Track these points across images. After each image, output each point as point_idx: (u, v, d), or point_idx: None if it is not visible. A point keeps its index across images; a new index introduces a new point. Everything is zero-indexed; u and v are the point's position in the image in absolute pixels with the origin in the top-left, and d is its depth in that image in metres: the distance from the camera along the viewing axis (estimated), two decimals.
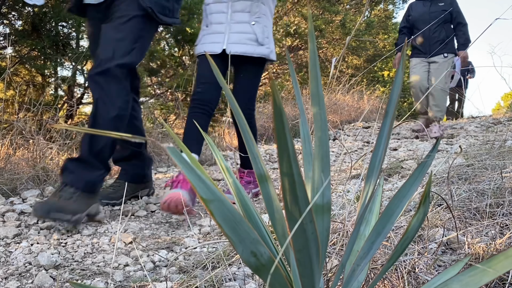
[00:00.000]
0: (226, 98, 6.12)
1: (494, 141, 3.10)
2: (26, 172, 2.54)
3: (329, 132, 1.67)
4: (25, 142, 2.86)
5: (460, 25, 4.82)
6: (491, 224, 1.42)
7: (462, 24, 4.82)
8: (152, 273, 1.41)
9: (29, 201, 2.23)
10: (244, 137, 0.71)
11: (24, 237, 1.76)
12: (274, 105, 0.49)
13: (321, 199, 0.69)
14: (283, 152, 0.51)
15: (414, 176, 0.78)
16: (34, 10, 4.79)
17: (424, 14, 4.83)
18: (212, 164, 3.61)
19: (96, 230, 1.93)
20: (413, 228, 0.71)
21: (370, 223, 0.91)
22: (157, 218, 2.19)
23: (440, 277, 0.80)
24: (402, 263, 1.12)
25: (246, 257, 0.62)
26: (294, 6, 8.82)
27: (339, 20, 8.52)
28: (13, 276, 1.40)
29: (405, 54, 0.76)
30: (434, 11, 4.82)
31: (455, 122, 6.58)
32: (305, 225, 0.57)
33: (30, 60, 4.91)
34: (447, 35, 4.80)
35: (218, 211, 0.58)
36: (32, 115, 3.31)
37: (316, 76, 0.68)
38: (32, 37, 4.83)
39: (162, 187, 2.82)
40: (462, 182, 1.90)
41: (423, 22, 4.77)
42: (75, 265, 1.50)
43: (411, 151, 3.81)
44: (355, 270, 0.75)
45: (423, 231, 1.37)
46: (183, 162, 0.56)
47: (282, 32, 7.91)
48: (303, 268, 0.64)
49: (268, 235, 0.78)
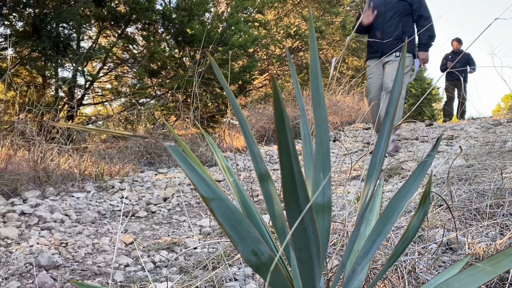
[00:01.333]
0: (226, 99, 6.12)
1: (494, 142, 3.10)
2: (27, 173, 2.54)
3: (330, 133, 1.67)
4: (26, 143, 2.87)
5: (421, 18, 3.97)
6: (491, 225, 1.42)
7: (424, 18, 3.96)
8: (153, 273, 1.41)
9: (29, 202, 2.23)
10: (245, 136, 0.71)
11: (24, 238, 1.77)
12: (276, 105, 0.49)
13: (321, 198, 0.69)
14: (284, 151, 0.52)
15: (414, 177, 0.79)
16: (35, 11, 4.80)
17: (379, 6, 3.99)
18: (213, 165, 3.61)
19: (96, 230, 1.94)
20: (413, 228, 0.71)
21: (371, 223, 0.92)
22: (158, 219, 2.20)
23: (440, 276, 0.80)
24: (402, 263, 1.12)
25: (246, 256, 0.62)
26: (294, 7, 8.83)
27: (339, 21, 8.53)
28: (14, 276, 1.40)
29: (405, 54, 0.76)
30: (390, 1, 4.00)
31: (455, 123, 6.58)
32: (306, 224, 0.57)
33: (31, 61, 4.92)
34: (404, 30, 3.97)
35: (219, 209, 0.59)
36: (32, 116, 3.31)
37: (317, 76, 0.69)
38: (32, 38, 4.84)
39: (163, 187, 2.82)
40: (462, 182, 1.90)
41: (378, 15, 3.98)
42: (75, 266, 1.51)
43: (411, 152, 3.82)
44: (356, 270, 0.75)
45: (423, 232, 1.38)
46: (184, 161, 0.56)
47: (282, 34, 7.92)
48: (303, 267, 0.64)
49: (269, 234, 0.78)
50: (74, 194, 2.49)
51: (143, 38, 6.08)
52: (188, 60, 6.18)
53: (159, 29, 6.15)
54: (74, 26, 5.04)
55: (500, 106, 21.98)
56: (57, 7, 4.70)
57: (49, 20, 4.76)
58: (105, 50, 5.62)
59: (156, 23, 5.86)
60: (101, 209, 2.28)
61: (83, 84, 5.86)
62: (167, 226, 2.08)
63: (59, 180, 2.64)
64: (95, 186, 2.73)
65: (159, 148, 3.77)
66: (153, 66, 6.18)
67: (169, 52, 6.21)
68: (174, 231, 2.00)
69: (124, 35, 6.04)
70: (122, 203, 2.41)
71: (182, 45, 5.99)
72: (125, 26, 5.74)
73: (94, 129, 0.74)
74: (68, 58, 5.10)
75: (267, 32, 7.17)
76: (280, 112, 0.49)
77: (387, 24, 3.98)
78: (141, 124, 4.47)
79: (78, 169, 2.82)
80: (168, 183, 2.94)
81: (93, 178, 2.86)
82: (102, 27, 5.80)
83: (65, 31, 5.14)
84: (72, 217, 2.10)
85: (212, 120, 6.59)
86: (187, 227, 2.03)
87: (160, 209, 2.36)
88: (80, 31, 5.31)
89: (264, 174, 0.63)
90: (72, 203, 2.32)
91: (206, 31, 5.28)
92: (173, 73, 6.38)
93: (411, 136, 5.21)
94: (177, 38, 5.88)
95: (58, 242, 1.73)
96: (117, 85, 6.43)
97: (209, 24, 5.74)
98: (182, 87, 4.95)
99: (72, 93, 5.67)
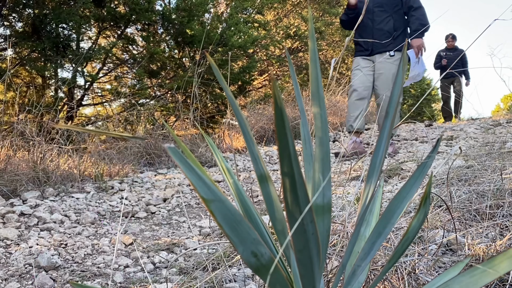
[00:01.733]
0: (225, 100, 6.12)
1: (494, 143, 3.10)
2: (26, 173, 2.54)
3: (329, 133, 1.67)
4: (26, 143, 2.86)
5: (411, 9, 3.66)
6: (491, 226, 1.42)
7: (413, 8, 3.65)
8: (152, 274, 1.41)
9: (29, 203, 2.23)
10: (244, 138, 0.71)
11: (24, 239, 1.76)
12: (275, 106, 0.49)
13: (321, 199, 0.69)
14: (284, 152, 0.52)
15: (414, 177, 0.78)
16: (34, 12, 4.80)
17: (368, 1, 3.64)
18: (212, 166, 3.61)
19: (96, 231, 1.93)
20: (414, 229, 0.71)
21: (371, 224, 0.91)
22: (157, 220, 2.19)
23: (441, 278, 0.79)
24: (402, 264, 1.12)
25: (246, 258, 0.62)
26: (294, 8, 8.84)
27: (339, 22, 8.53)
28: (13, 277, 1.40)
29: (406, 54, 0.76)
30: None
31: (454, 124, 6.57)
32: (306, 225, 0.57)
33: (31, 62, 4.92)
34: (395, 26, 3.69)
35: (219, 211, 0.58)
36: (32, 116, 3.31)
37: (317, 76, 0.69)
38: (32, 39, 4.84)
39: (162, 188, 2.82)
40: (462, 183, 1.90)
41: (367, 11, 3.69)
42: (75, 267, 1.50)
43: (410, 153, 3.82)
44: (356, 271, 0.75)
45: (423, 232, 1.37)
46: (183, 162, 0.56)
47: (282, 34, 7.93)
48: (303, 268, 0.64)
49: (269, 236, 0.78)
50: (73, 195, 2.49)
51: (143, 39, 6.08)
52: (187, 60, 6.19)
53: (159, 29, 6.15)
54: (74, 26, 5.04)
55: (499, 106, 22.01)
56: (56, 8, 4.70)
57: (49, 21, 4.76)
58: (105, 51, 5.61)
59: (155, 24, 5.86)
60: (101, 209, 2.28)
61: (83, 85, 5.86)
62: (167, 227, 2.07)
63: (59, 181, 2.64)
64: (94, 186, 2.73)
65: (159, 149, 3.76)
66: (153, 66, 6.17)
67: (168, 53, 6.21)
68: (174, 232, 1.99)
69: (124, 35, 6.04)
70: (122, 204, 2.41)
71: (182, 46, 5.99)
72: (124, 26, 5.74)
73: (94, 131, 0.74)
74: (67, 59, 5.10)
75: (267, 32, 7.18)
76: (280, 114, 0.49)
77: (376, 20, 3.72)
78: (140, 124, 4.46)
79: (78, 170, 2.82)
80: (167, 183, 2.94)
81: (92, 178, 2.85)
82: (101, 28, 5.80)
83: (65, 31, 5.14)
84: (71, 217, 2.10)
85: (212, 120, 6.59)
86: (186, 228, 2.03)
87: (160, 210, 2.36)
88: (80, 32, 5.31)
89: (264, 176, 0.63)
90: (71, 204, 2.32)
91: (206, 31, 5.28)
92: (173, 73, 6.38)
93: (411, 136, 5.21)
94: (176, 39, 5.88)
95: (58, 243, 1.72)
96: (117, 85, 6.43)
97: (209, 25, 5.74)
98: (182, 87, 4.95)
99: (71, 94, 5.67)
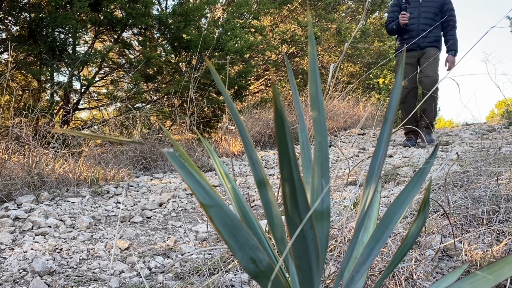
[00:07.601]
0: (222, 104, 6.11)
1: (489, 148, 3.11)
2: (21, 177, 2.52)
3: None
4: (21, 147, 2.85)
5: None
6: (488, 231, 1.42)
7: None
8: (148, 280, 1.40)
9: (24, 207, 2.21)
10: (244, 143, 0.71)
11: (18, 243, 1.75)
12: (276, 109, 0.49)
13: (320, 205, 0.68)
14: (284, 157, 0.51)
15: (412, 183, 0.78)
16: (31, 15, 4.79)
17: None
18: (208, 170, 3.60)
19: (91, 236, 1.92)
20: (413, 235, 0.71)
21: (369, 229, 0.91)
22: (153, 224, 2.18)
23: (439, 284, 0.79)
24: (399, 270, 1.12)
25: (245, 264, 0.62)
26: (290, 13, 8.86)
27: (335, 27, 8.56)
28: (8, 282, 1.38)
29: (404, 58, 0.76)
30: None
31: (450, 129, 6.60)
32: (306, 231, 0.57)
33: (26, 66, 4.90)
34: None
35: (218, 217, 0.58)
36: (27, 120, 3.29)
37: (316, 81, 0.69)
38: (28, 43, 4.82)
39: (158, 193, 2.81)
40: (458, 188, 1.90)
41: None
42: (70, 272, 1.49)
43: (406, 158, 3.82)
44: (354, 277, 0.74)
45: (420, 238, 1.37)
46: (182, 167, 0.56)
47: (278, 39, 7.94)
48: (303, 274, 0.63)
49: (267, 241, 0.77)
50: (69, 199, 2.47)
51: (139, 43, 6.07)
52: (184, 65, 6.18)
53: (155, 34, 6.15)
54: (70, 30, 5.02)
55: (494, 112, 22.13)
56: (53, 12, 4.69)
57: (45, 25, 4.74)
58: (101, 55, 5.60)
59: (152, 28, 5.86)
60: (96, 214, 2.27)
61: (79, 89, 5.84)
62: (163, 232, 2.06)
63: (54, 185, 2.62)
64: (90, 191, 2.71)
65: (155, 153, 3.75)
66: (149, 71, 6.16)
67: (165, 57, 6.20)
68: (170, 236, 1.98)
69: (120, 40, 6.02)
70: (117, 208, 2.39)
71: (178, 50, 5.98)
72: (121, 31, 5.73)
73: (90, 135, 0.73)
74: (63, 63, 5.08)
75: (263, 38, 7.19)
76: (281, 119, 0.49)
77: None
78: (136, 128, 4.45)
79: (73, 174, 2.80)
80: (163, 188, 2.93)
81: (88, 183, 2.84)
82: (98, 32, 5.79)
83: (61, 35, 5.12)
84: (67, 222, 2.08)
85: (208, 125, 6.58)
86: (182, 233, 2.02)
87: (156, 215, 2.35)
88: (76, 36, 5.29)
89: (262, 181, 0.63)
90: (67, 208, 2.31)
91: (202, 36, 5.28)
92: (169, 78, 6.37)
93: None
94: (173, 43, 5.88)
95: (53, 247, 1.71)
96: (113, 89, 6.41)
97: (205, 30, 5.74)
98: (178, 92, 4.94)
99: (67, 98, 5.65)
